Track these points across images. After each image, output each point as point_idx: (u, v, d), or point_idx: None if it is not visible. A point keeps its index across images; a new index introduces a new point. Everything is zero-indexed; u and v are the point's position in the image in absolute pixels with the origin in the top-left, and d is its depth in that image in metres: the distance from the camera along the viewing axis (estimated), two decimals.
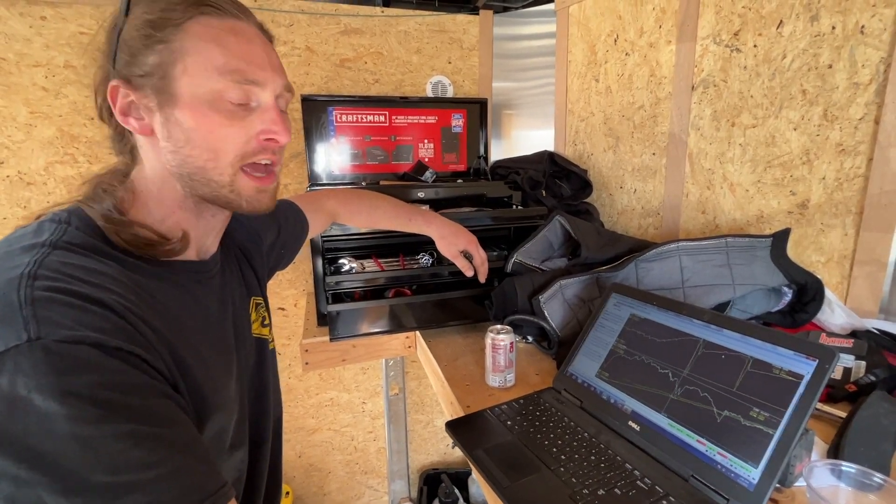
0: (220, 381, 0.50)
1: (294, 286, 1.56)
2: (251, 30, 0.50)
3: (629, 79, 1.25)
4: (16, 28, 1.17)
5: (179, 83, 0.46)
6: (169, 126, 0.47)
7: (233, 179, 0.50)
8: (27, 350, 0.34)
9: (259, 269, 0.70)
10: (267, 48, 0.51)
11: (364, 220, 0.98)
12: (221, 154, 0.48)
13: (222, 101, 0.47)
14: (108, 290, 0.40)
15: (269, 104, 0.50)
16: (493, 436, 0.68)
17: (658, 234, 1.22)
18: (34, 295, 0.36)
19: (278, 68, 0.52)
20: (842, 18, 0.80)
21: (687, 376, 0.64)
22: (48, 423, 0.33)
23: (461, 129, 1.50)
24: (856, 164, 0.81)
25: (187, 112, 0.47)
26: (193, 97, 0.46)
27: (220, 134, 0.48)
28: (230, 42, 0.47)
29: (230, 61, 0.47)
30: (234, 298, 0.60)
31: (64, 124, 1.25)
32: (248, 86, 0.48)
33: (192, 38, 0.46)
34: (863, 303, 0.83)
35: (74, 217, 0.46)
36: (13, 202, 1.25)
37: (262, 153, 0.51)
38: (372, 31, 1.46)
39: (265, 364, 0.66)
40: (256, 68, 0.49)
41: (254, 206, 0.52)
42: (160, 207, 0.51)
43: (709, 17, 1.02)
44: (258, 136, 0.50)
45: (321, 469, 1.76)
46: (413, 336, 1.13)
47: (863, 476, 0.50)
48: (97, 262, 0.43)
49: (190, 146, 0.48)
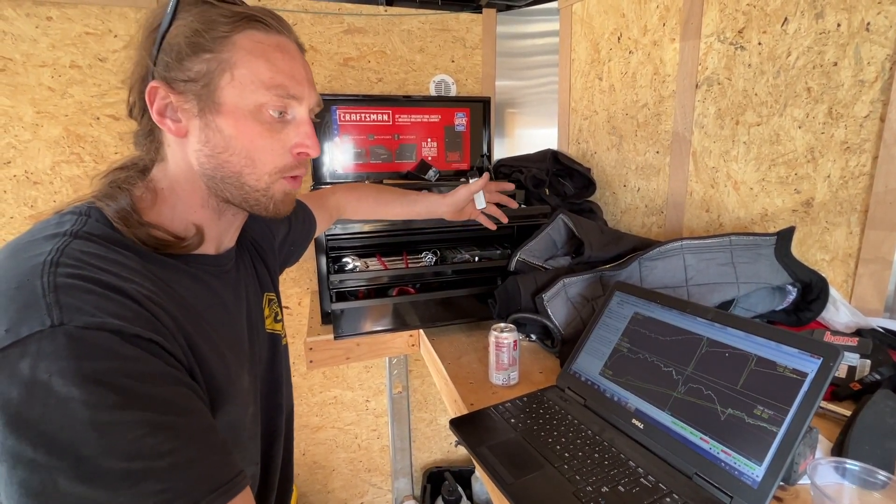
0: (235, 373, 0.51)
1: (298, 284, 1.57)
2: (293, 46, 0.53)
3: (633, 77, 1.25)
4: (22, 28, 1.18)
5: (224, 92, 0.48)
6: (208, 132, 0.49)
7: (269, 186, 0.52)
8: (50, 335, 0.34)
9: (271, 265, 0.71)
10: (305, 64, 0.54)
11: (371, 206, 0.97)
12: (258, 163, 0.51)
13: (263, 113, 0.50)
14: (128, 279, 0.41)
15: (304, 118, 0.53)
16: (497, 433, 0.68)
17: (661, 232, 1.21)
18: (57, 282, 0.37)
19: (312, 84, 0.54)
20: (847, 16, 0.80)
21: (691, 374, 0.64)
22: (67, 408, 0.33)
23: (464, 127, 1.50)
24: (861, 163, 0.81)
25: (230, 120, 0.49)
26: (237, 107, 0.49)
27: (259, 144, 0.50)
28: (277, 58, 0.50)
29: (276, 77, 0.49)
30: (248, 293, 0.61)
31: (70, 124, 1.26)
32: (289, 100, 0.51)
33: (241, 52, 0.48)
34: (868, 301, 0.82)
35: (94, 210, 0.47)
36: (20, 201, 1.26)
37: (298, 168, 0.55)
38: (375, 30, 1.46)
39: (278, 359, 0.67)
40: (297, 84, 0.51)
41: (279, 209, 0.55)
42: (182, 205, 0.52)
43: (713, 14, 1.02)
44: (292, 148, 0.53)
45: (325, 467, 1.77)
46: (417, 334, 1.14)
47: (867, 474, 0.50)
48: (116, 252, 0.44)
49: (229, 152, 0.50)
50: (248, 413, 0.54)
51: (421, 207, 0.97)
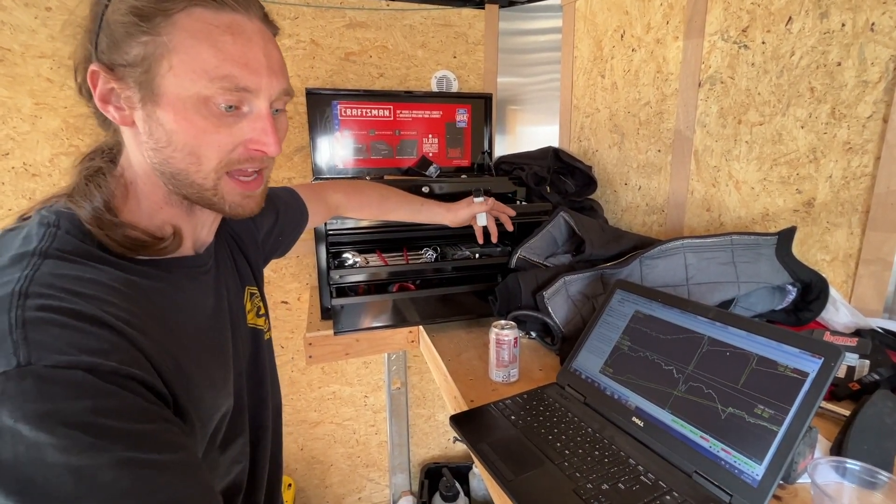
0: (218, 378, 0.50)
1: (298, 280, 1.57)
2: (252, 25, 0.45)
3: (635, 75, 1.24)
4: (21, 19, 1.17)
5: (164, 81, 0.42)
6: (150, 123, 0.44)
7: (216, 184, 0.47)
8: (16, 376, 0.32)
9: (253, 258, 0.69)
10: (268, 47, 0.46)
11: (374, 211, 0.97)
12: (204, 160, 0.45)
13: (209, 106, 0.44)
14: (105, 303, 0.38)
15: (262, 112, 0.46)
16: (497, 430, 0.69)
17: (662, 231, 1.21)
18: (26, 316, 0.35)
19: (278, 71, 0.47)
20: (852, 15, 0.79)
21: (691, 373, 0.64)
22: (39, 453, 0.31)
23: (466, 124, 1.49)
24: (863, 163, 0.81)
25: (170, 112, 0.43)
26: (178, 98, 0.43)
27: (205, 140, 0.44)
28: (225, 42, 0.43)
29: (222, 65, 0.43)
30: (228, 290, 0.59)
31: (69, 115, 1.25)
32: (240, 93, 0.44)
33: (182, 34, 0.42)
34: (867, 302, 0.83)
35: (64, 220, 0.43)
36: (18, 193, 1.26)
37: (249, 162, 0.48)
38: (377, 25, 1.46)
39: (261, 355, 0.65)
40: (251, 73, 0.44)
41: (237, 211, 0.50)
42: (148, 201, 0.48)
43: (717, 12, 1.02)
44: (246, 143, 0.47)
45: (323, 462, 1.77)
46: (416, 331, 1.13)
47: (867, 473, 0.51)
48: (91, 269, 0.41)
49: (171, 148, 0.44)
50: (230, 411, 0.52)
51: (423, 217, 0.99)
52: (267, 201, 0.76)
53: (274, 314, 1.56)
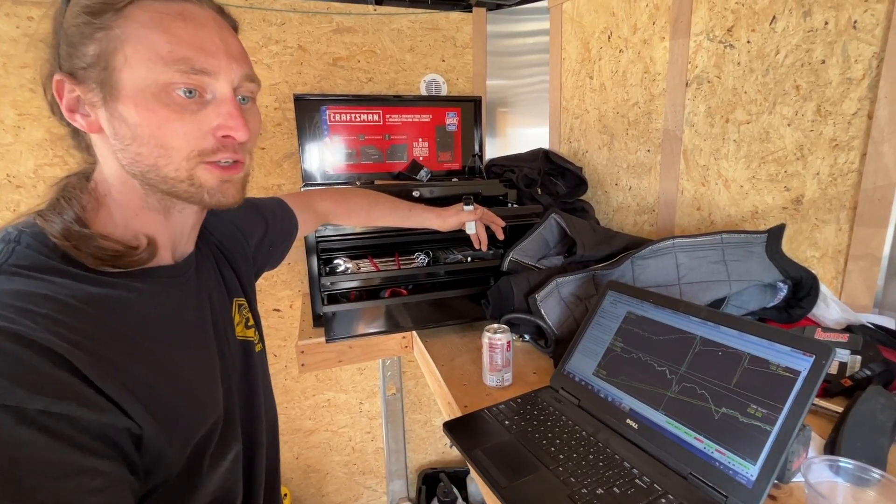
0: (200, 390, 0.48)
1: (289, 287, 1.55)
2: (204, 13, 0.46)
3: (623, 75, 1.25)
4: (2, 29, 1.15)
5: (121, 75, 0.42)
6: (114, 122, 0.44)
7: (191, 173, 0.46)
8: None
9: (241, 269, 0.67)
10: (224, 33, 0.46)
11: (362, 218, 0.97)
12: (173, 150, 0.44)
13: (169, 93, 0.43)
14: (55, 323, 0.37)
15: (226, 96, 0.46)
16: (491, 436, 0.68)
17: (653, 230, 1.22)
18: None
19: (237, 56, 0.47)
20: (834, 14, 0.80)
21: (684, 374, 0.64)
22: None
23: (456, 127, 1.49)
24: (849, 160, 0.81)
25: (131, 106, 0.43)
26: (137, 90, 0.42)
27: (169, 129, 0.44)
28: (177, 27, 0.43)
29: (176, 49, 0.43)
30: (212, 301, 0.57)
31: (53, 126, 1.23)
32: (198, 76, 0.44)
33: (134, 25, 0.42)
34: (857, 297, 0.83)
35: (25, 235, 0.42)
36: (2, 206, 1.24)
37: (222, 152, 0.47)
38: (365, 30, 1.45)
39: (252, 367, 0.63)
40: (207, 56, 0.44)
41: (218, 198, 0.48)
42: (123, 210, 0.47)
43: (702, 13, 1.02)
44: (213, 131, 0.46)
45: (319, 470, 1.76)
46: (410, 336, 1.13)
47: (860, 471, 0.50)
48: (47, 283, 0.39)
49: (137, 143, 0.44)
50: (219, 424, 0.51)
51: (412, 223, 1.00)
52: (255, 211, 0.75)
53: (266, 322, 1.55)
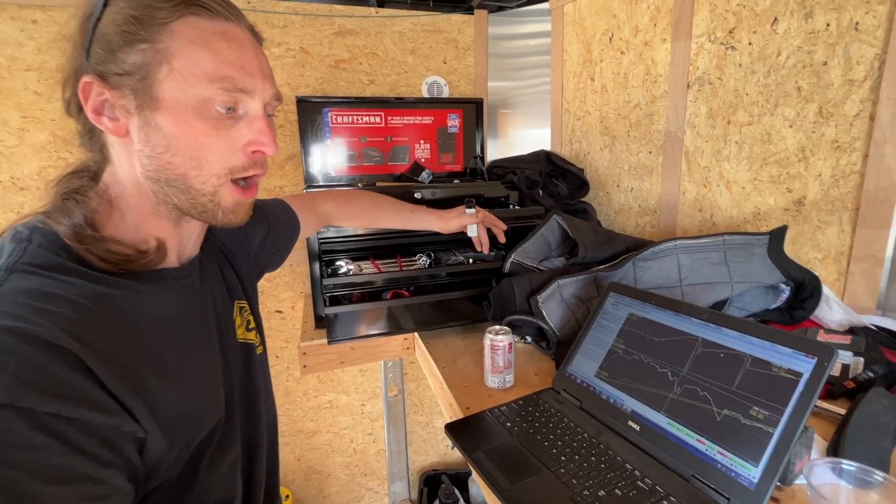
0: (202, 391, 0.49)
1: (291, 289, 1.56)
2: (243, 34, 0.48)
3: (625, 77, 1.25)
4: (7, 32, 1.16)
5: (163, 86, 0.44)
6: (148, 130, 0.45)
7: (217, 190, 0.48)
8: None
9: (243, 271, 0.68)
10: (258, 54, 0.49)
11: (365, 219, 0.98)
12: (205, 163, 0.46)
13: (209, 108, 0.45)
14: (69, 322, 0.37)
15: (258, 113, 0.49)
16: (492, 438, 0.68)
17: (655, 232, 1.22)
18: None
19: (268, 75, 0.50)
20: (836, 15, 0.80)
21: (686, 375, 0.63)
22: None
23: (457, 129, 1.49)
24: (851, 161, 0.81)
25: (170, 117, 0.44)
26: (177, 102, 0.44)
27: (205, 143, 0.46)
28: (221, 47, 0.45)
29: (220, 68, 0.45)
30: (215, 303, 0.58)
31: (57, 128, 1.24)
32: (238, 94, 0.46)
33: (180, 40, 0.44)
34: (860, 299, 0.83)
35: (37, 234, 0.43)
36: (6, 208, 1.24)
37: (252, 167, 0.50)
38: (366, 32, 1.46)
39: (253, 370, 0.63)
40: (247, 76, 0.47)
41: (229, 218, 0.50)
42: (135, 214, 0.48)
43: (704, 14, 1.02)
44: (245, 147, 0.48)
45: (321, 472, 1.76)
46: (411, 337, 1.13)
47: (863, 474, 0.50)
48: (61, 282, 0.40)
49: (171, 153, 0.45)
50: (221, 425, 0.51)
51: (414, 225, 1.00)
52: (258, 213, 0.76)
53: (268, 324, 1.55)
